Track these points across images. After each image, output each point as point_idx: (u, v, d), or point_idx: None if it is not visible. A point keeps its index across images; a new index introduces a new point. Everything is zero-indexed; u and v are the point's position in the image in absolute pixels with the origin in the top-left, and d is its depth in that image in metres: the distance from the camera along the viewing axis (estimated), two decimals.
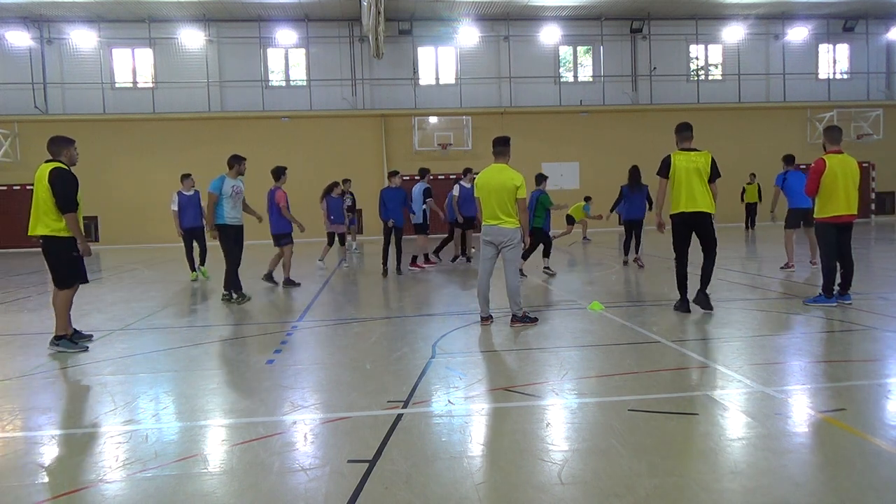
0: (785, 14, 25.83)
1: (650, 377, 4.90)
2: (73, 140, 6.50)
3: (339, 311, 8.59)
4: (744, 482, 3.09)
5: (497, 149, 6.99)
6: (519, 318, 6.94)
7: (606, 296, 8.91)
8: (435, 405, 4.39)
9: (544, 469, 3.30)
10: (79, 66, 24.06)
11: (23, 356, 6.25)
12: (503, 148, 6.98)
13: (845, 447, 3.48)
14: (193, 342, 6.74)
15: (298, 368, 5.49)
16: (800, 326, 6.72)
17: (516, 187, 6.74)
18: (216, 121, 24.05)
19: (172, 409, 4.55)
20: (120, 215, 23.68)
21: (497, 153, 6.99)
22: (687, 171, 7.27)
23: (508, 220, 6.79)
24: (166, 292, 10.92)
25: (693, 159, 7.32)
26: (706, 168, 7.32)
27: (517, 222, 6.83)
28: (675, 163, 7.35)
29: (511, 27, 25.29)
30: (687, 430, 3.78)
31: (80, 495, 3.15)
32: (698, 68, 26.94)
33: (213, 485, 3.25)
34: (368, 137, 24.68)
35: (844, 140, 7.84)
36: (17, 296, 10.99)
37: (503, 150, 6.98)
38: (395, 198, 11.91)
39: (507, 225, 6.79)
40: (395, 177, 12.31)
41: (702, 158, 7.36)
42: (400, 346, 6.21)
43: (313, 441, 3.81)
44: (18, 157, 23.39)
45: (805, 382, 4.80)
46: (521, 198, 6.78)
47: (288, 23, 24.37)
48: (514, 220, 6.81)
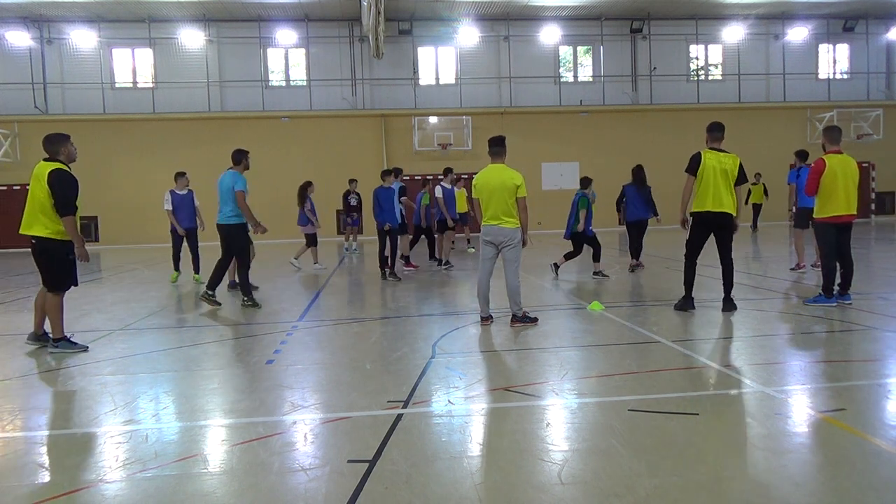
0: (785, 14, 25.83)
1: (650, 377, 4.90)
2: (68, 136, 6.33)
3: (339, 311, 8.59)
4: (744, 482, 3.09)
5: (494, 149, 7.01)
6: (519, 318, 6.94)
7: (606, 296, 8.91)
8: (435, 405, 4.40)
9: (544, 469, 3.30)
10: (79, 66, 24.05)
11: (23, 356, 6.24)
12: (500, 148, 6.99)
13: (845, 447, 3.48)
14: (193, 342, 6.74)
15: (298, 368, 5.49)
16: (800, 326, 6.72)
17: (516, 186, 6.75)
18: (216, 121, 24.04)
19: (172, 409, 4.55)
20: (120, 215, 23.66)
21: (494, 153, 7.00)
22: (715, 171, 7.24)
23: (509, 220, 6.80)
24: (166, 292, 10.92)
25: (722, 160, 7.30)
26: (733, 171, 7.30)
27: (517, 222, 6.84)
28: (706, 161, 7.30)
29: (511, 27, 25.29)
30: (687, 430, 3.78)
31: (80, 495, 3.15)
32: (698, 68, 26.94)
33: (213, 485, 3.25)
34: (368, 137, 24.68)
35: (844, 140, 7.85)
36: (17, 296, 10.99)
37: (500, 151, 6.99)
38: (389, 198, 11.62)
39: (507, 225, 6.80)
40: (389, 176, 11.92)
41: (730, 160, 7.32)
42: (400, 346, 6.22)
43: (313, 441, 3.81)
44: (18, 157, 23.39)
45: (805, 382, 4.80)
46: (521, 197, 6.79)
47: (288, 23, 24.37)
48: (514, 220, 6.82)
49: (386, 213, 11.54)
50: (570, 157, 25.28)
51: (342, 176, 19.57)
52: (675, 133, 25.54)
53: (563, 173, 24.98)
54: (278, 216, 23.35)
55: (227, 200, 8.72)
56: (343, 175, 19.35)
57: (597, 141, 25.33)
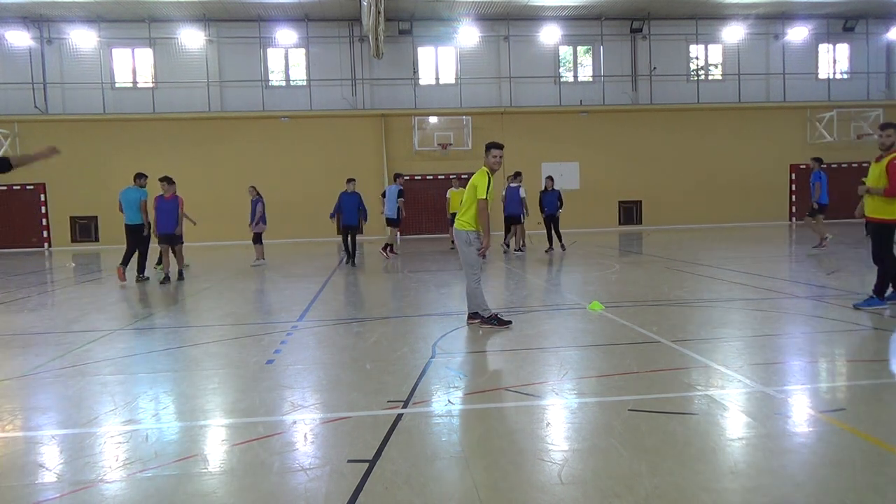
0: (785, 14, 25.82)
1: (650, 377, 4.90)
2: None
3: (339, 311, 8.59)
4: (744, 482, 3.09)
5: None
6: (485, 319, 6.92)
7: (606, 296, 8.91)
8: (435, 405, 4.40)
9: (544, 469, 3.30)
10: (79, 66, 24.03)
11: (23, 356, 6.25)
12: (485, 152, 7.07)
13: (845, 447, 3.49)
14: (193, 342, 6.74)
15: (298, 368, 5.50)
16: (800, 326, 6.72)
17: (474, 187, 6.85)
18: (216, 121, 24.03)
19: (172, 409, 4.55)
20: (120, 215, 23.56)
21: None
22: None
23: (460, 222, 6.98)
24: (166, 292, 10.92)
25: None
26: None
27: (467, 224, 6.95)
28: None
29: (511, 27, 25.28)
30: (687, 430, 3.78)
31: (80, 495, 3.15)
32: (698, 68, 26.92)
33: (213, 485, 3.26)
34: (368, 137, 24.67)
35: (844, 140, 7.85)
36: (17, 296, 10.99)
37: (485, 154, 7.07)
38: (351, 201, 14.16)
39: (458, 226, 7.00)
40: (351, 183, 14.44)
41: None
42: (400, 346, 6.22)
43: (313, 441, 3.81)
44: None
45: (805, 382, 4.80)
46: (479, 199, 6.84)
47: (288, 23, 24.35)
48: (463, 222, 6.95)
49: (346, 214, 14.17)
50: (570, 157, 25.27)
51: (342, 176, 19.57)
52: (675, 133, 25.55)
53: (563, 173, 24.98)
54: (278, 216, 23.40)
55: None
56: (343, 175, 19.35)
57: (597, 141, 25.32)
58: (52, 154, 5.90)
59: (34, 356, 6.19)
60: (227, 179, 23.17)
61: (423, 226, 24.89)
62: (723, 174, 25.49)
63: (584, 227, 23.68)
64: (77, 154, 23.36)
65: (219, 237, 23.03)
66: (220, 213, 22.43)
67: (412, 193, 23.39)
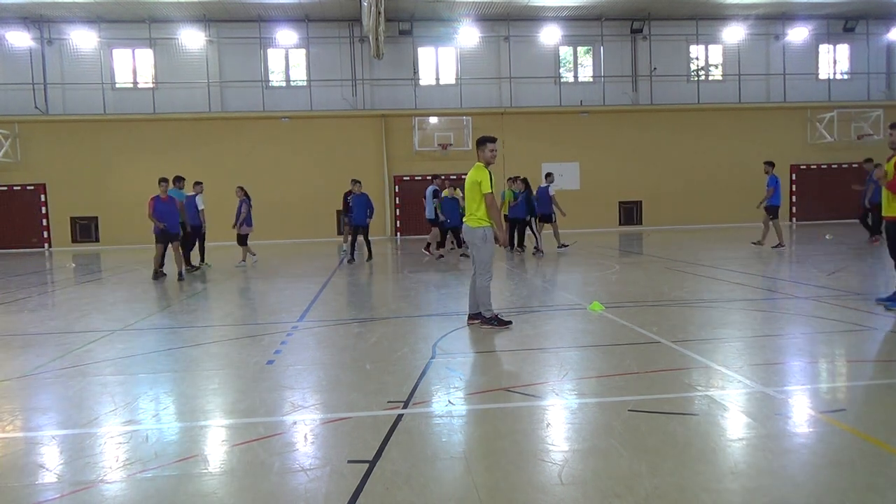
0: (785, 14, 25.81)
1: (650, 377, 4.90)
2: None
3: (339, 312, 8.59)
4: (744, 482, 3.09)
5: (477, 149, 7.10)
6: (487, 320, 6.91)
7: (606, 296, 8.91)
8: (435, 405, 4.40)
9: (544, 469, 3.30)
10: (79, 67, 24.03)
11: (23, 356, 6.25)
12: (477, 147, 7.05)
13: (845, 447, 3.48)
14: (193, 342, 6.74)
15: (298, 368, 5.50)
16: (800, 327, 6.72)
17: (478, 183, 6.78)
18: (216, 121, 24.02)
19: (172, 409, 4.55)
20: (120, 215, 23.62)
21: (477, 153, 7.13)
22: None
23: (472, 219, 6.89)
24: (166, 292, 10.92)
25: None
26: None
27: (480, 221, 6.86)
28: None
29: (511, 27, 25.28)
30: (687, 431, 3.78)
31: (81, 496, 3.15)
32: (698, 68, 26.92)
33: (213, 485, 3.26)
34: (369, 138, 24.67)
35: (844, 140, 7.86)
36: (17, 296, 10.99)
37: (477, 150, 7.04)
38: (360, 202, 14.45)
39: (470, 223, 6.91)
40: (358, 184, 14.68)
41: None
42: (400, 346, 6.22)
43: (313, 441, 3.81)
44: (18, 157, 23.37)
45: (805, 382, 4.80)
46: (485, 193, 6.78)
47: (288, 23, 24.35)
48: (477, 219, 6.86)
49: (357, 215, 14.45)
50: (570, 157, 25.27)
51: (342, 176, 19.57)
52: (676, 133, 25.55)
53: (563, 173, 24.97)
54: (278, 216, 23.42)
55: None
56: (343, 175, 19.35)
57: (597, 141, 25.33)
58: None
59: (35, 356, 6.19)
60: (227, 180, 23.11)
61: (423, 226, 24.86)
62: (723, 175, 25.49)
63: (584, 228, 23.66)
64: (77, 154, 23.39)
65: (219, 237, 23.02)
66: (219, 214, 22.43)
67: (412, 194, 23.41)
